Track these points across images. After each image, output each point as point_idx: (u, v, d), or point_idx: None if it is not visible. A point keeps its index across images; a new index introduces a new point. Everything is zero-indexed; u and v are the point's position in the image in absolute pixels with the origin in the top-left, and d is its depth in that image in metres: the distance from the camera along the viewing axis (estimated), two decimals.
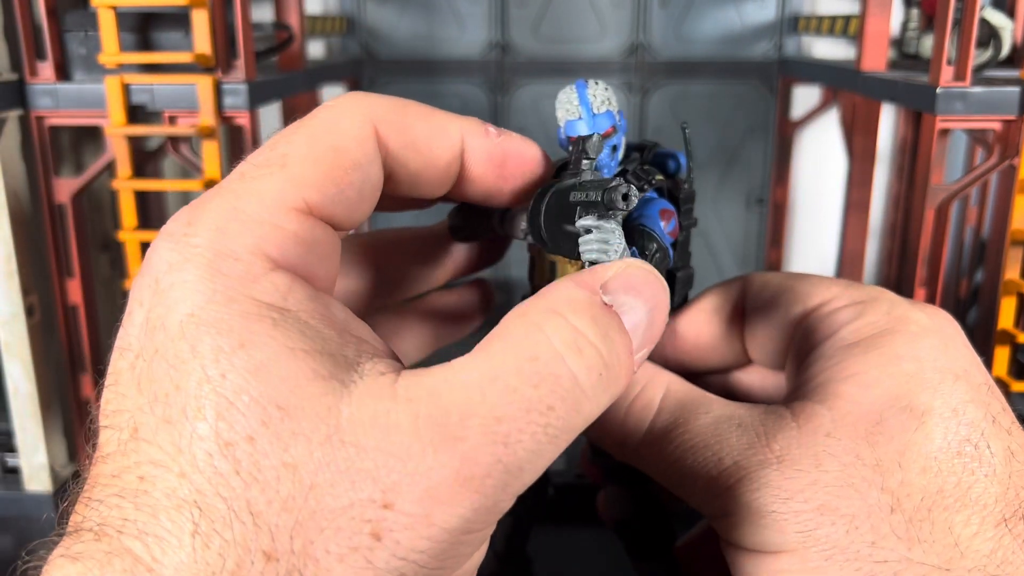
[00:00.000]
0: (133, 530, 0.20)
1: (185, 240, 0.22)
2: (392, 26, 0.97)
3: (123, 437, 0.21)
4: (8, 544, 0.60)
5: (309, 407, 0.20)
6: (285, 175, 0.23)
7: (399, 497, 0.20)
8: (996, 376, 0.61)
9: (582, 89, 0.31)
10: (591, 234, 0.25)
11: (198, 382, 0.21)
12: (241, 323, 0.21)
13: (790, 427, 0.26)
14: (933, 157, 0.60)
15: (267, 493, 0.20)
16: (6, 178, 0.58)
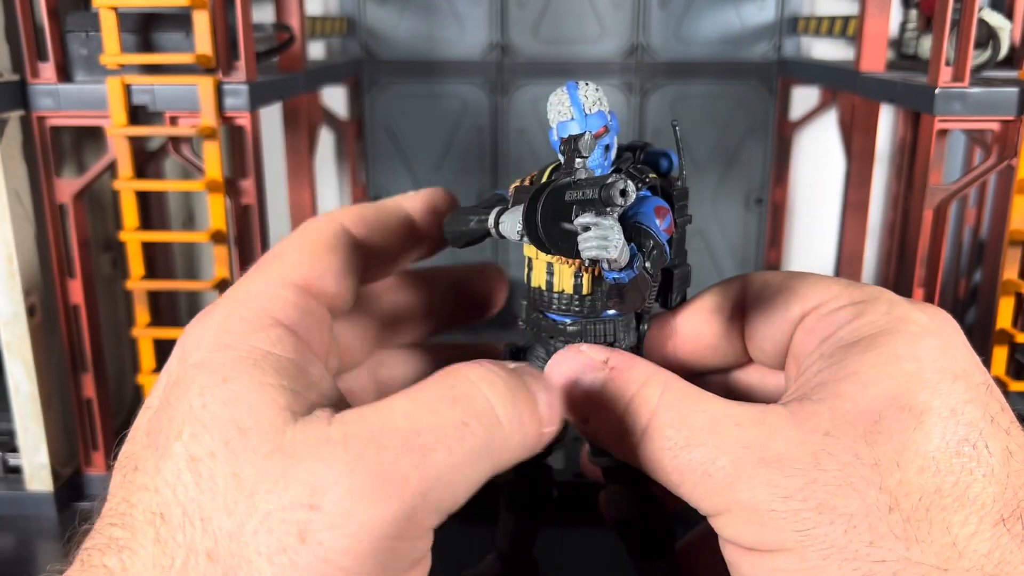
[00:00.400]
0: (115, 547, 0.24)
1: (208, 314, 0.28)
2: (392, 27, 0.97)
3: (125, 474, 0.25)
4: (9, 543, 0.60)
5: (262, 428, 0.24)
6: (281, 262, 0.29)
7: (324, 498, 0.22)
8: (994, 375, 0.61)
9: (573, 90, 0.31)
10: (590, 231, 0.25)
11: (183, 413, 0.25)
12: (230, 364, 0.25)
13: (788, 426, 0.26)
14: (932, 157, 0.60)
15: (216, 500, 0.23)
16: (8, 178, 0.58)
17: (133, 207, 0.60)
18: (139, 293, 0.62)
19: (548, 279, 0.32)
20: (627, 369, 0.29)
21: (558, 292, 0.32)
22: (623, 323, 0.33)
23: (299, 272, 0.29)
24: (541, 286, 0.32)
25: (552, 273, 0.32)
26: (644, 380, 0.29)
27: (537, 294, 0.32)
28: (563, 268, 0.31)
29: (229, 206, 0.61)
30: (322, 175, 1.01)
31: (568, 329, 0.32)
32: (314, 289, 0.29)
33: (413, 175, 1.02)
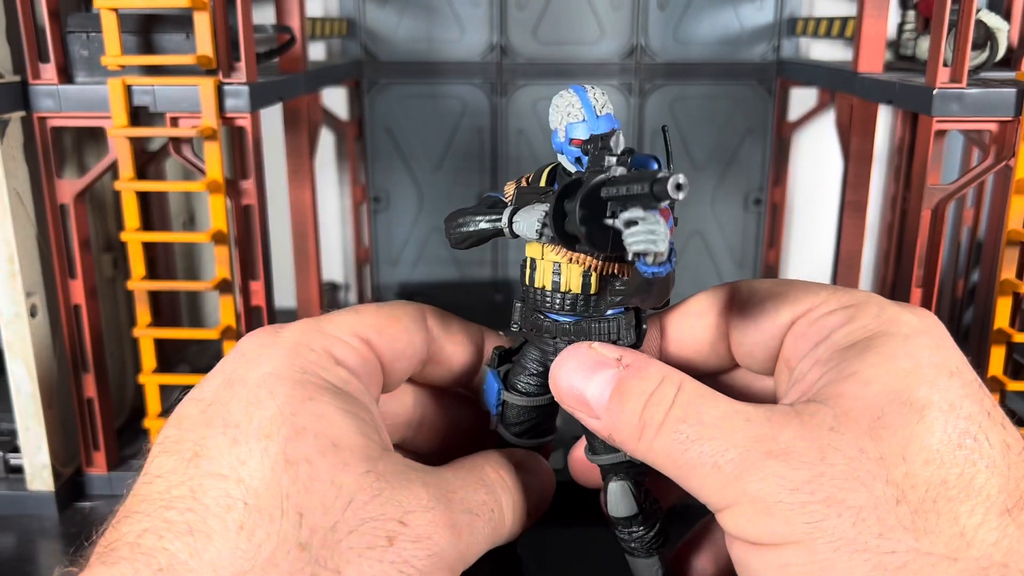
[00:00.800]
0: (180, 530, 0.25)
1: (275, 333, 0.31)
2: (392, 28, 0.97)
3: (184, 458, 0.26)
4: (11, 542, 0.60)
5: (356, 450, 0.27)
6: (357, 317, 0.32)
7: (413, 520, 0.27)
8: (992, 375, 0.61)
9: (583, 93, 0.32)
10: (637, 226, 0.26)
11: (272, 416, 0.27)
12: (311, 386, 0.28)
13: (795, 423, 0.27)
14: (930, 158, 0.61)
15: (314, 500, 0.26)
16: (9, 179, 0.58)
17: (134, 208, 0.60)
18: (140, 293, 0.62)
19: (555, 279, 0.32)
20: (643, 367, 0.30)
21: (564, 292, 0.32)
22: (626, 321, 0.33)
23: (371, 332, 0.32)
24: (545, 286, 0.32)
25: (559, 273, 0.32)
26: (661, 378, 0.29)
27: (540, 295, 0.32)
28: (571, 268, 0.32)
29: (230, 206, 0.62)
30: (322, 176, 1.01)
31: (572, 329, 0.32)
32: (377, 351, 0.32)
33: (413, 176, 1.02)
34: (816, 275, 1.04)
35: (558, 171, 0.33)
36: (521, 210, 0.31)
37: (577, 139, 0.31)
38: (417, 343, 0.34)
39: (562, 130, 0.32)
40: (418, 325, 0.34)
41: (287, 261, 0.86)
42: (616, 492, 0.34)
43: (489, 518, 0.30)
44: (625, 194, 0.27)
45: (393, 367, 0.33)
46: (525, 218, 0.31)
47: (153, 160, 0.64)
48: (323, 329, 0.31)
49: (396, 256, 1.05)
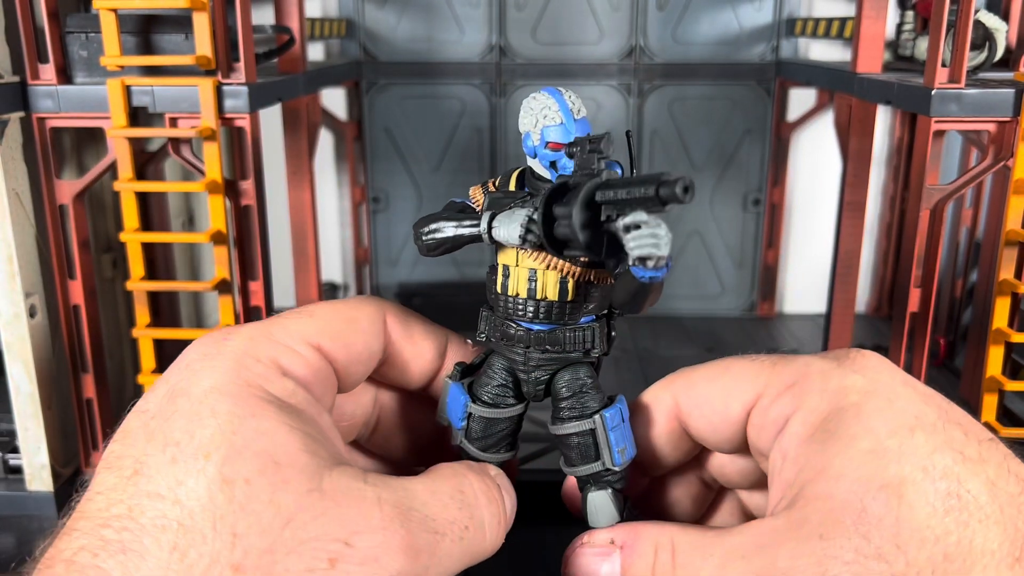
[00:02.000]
0: (113, 549, 0.24)
1: (222, 342, 0.29)
2: (391, 29, 0.97)
3: (124, 476, 0.26)
4: (10, 543, 0.60)
5: (298, 467, 0.26)
6: (310, 321, 0.31)
7: (360, 540, 0.26)
8: (991, 376, 0.61)
9: (559, 96, 0.31)
10: (640, 230, 0.26)
11: (211, 435, 0.26)
12: (254, 402, 0.27)
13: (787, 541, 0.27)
14: (928, 158, 0.61)
15: (250, 520, 0.25)
16: (8, 179, 0.58)
17: (133, 208, 0.60)
18: (139, 294, 0.62)
19: (530, 286, 0.31)
20: (635, 543, 0.31)
21: (539, 299, 0.32)
22: (598, 330, 0.33)
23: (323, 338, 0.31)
24: (520, 293, 0.32)
25: (535, 280, 0.31)
26: (654, 548, 0.30)
27: (512, 303, 0.32)
28: (548, 274, 0.31)
29: (229, 207, 0.62)
30: (322, 176, 1.01)
31: (547, 337, 0.32)
32: (329, 357, 0.31)
33: (412, 176, 1.02)
34: (816, 275, 1.04)
35: (527, 175, 0.33)
36: (500, 215, 0.30)
37: (554, 143, 0.31)
38: (374, 345, 0.33)
39: (536, 133, 0.31)
40: (376, 327, 0.33)
41: (286, 261, 0.86)
42: (596, 501, 0.34)
43: (459, 537, 0.28)
44: (625, 198, 0.26)
45: (348, 370, 0.32)
46: (505, 223, 0.30)
47: (152, 160, 0.64)
48: (272, 336, 0.30)
49: (395, 256, 1.05)
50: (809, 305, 1.06)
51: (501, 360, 0.34)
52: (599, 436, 0.33)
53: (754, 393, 0.31)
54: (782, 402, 0.30)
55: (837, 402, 0.29)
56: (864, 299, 1.06)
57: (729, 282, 1.04)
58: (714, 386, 0.32)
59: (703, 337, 0.99)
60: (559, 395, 0.33)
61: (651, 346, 0.95)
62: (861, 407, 0.28)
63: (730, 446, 0.33)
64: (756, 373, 0.32)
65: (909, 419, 0.28)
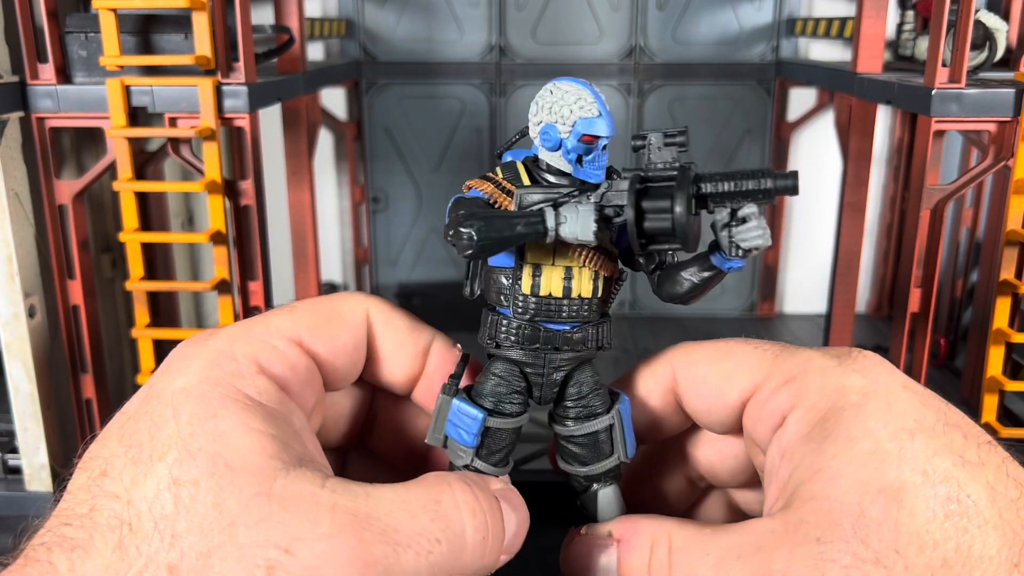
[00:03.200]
0: (66, 546, 0.25)
1: (202, 343, 0.29)
2: (391, 29, 0.97)
3: (92, 476, 0.27)
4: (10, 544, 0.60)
5: (250, 470, 0.26)
6: (290, 316, 0.31)
7: (301, 548, 0.24)
8: (991, 376, 0.61)
9: (591, 88, 0.31)
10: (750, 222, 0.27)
11: (168, 437, 0.26)
12: (219, 401, 0.27)
13: (784, 543, 0.26)
14: (928, 158, 0.61)
15: (191, 521, 0.25)
16: (7, 179, 0.58)
17: (133, 208, 0.60)
18: (139, 294, 0.62)
19: (566, 284, 0.31)
20: (632, 537, 0.30)
21: (574, 297, 0.31)
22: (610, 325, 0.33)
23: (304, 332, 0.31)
24: (554, 293, 0.31)
25: (570, 278, 0.31)
26: (651, 543, 0.30)
27: (544, 304, 0.31)
28: (583, 272, 0.31)
29: (228, 207, 0.62)
30: (321, 176, 1.01)
31: (575, 336, 0.31)
32: (311, 352, 0.31)
33: (412, 176, 1.02)
34: (816, 275, 1.04)
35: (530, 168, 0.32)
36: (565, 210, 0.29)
37: (590, 135, 0.30)
38: (360, 339, 0.32)
39: (566, 125, 0.30)
40: (358, 318, 0.32)
41: (286, 261, 0.86)
42: (609, 497, 0.33)
43: (427, 551, 0.26)
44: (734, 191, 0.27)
45: (334, 365, 0.32)
46: (572, 219, 0.28)
47: (152, 160, 0.64)
48: (252, 333, 0.30)
49: (395, 256, 1.05)
50: (809, 305, 1.06)
51: (509, 365, 0.32)
52: (616, 431, 0.33)
53: (753, 383, 0.31)
54: (780, 396, 0.30)
55: (836, 401, 0.29)
56: (864, 299, 1.06)
57: (729, 282, 1.04)
58: (714, 369, 0.32)
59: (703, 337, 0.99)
60: (573, 395, 0.33)
61: (651, 346, 0.95)
62: (860, 408, 0.28)
63: (722, 429, 0.33)
64: (757, 362, 0.31)
65: (909, 422, 0.27)
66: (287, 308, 0.32)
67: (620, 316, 1.02)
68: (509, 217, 0.29)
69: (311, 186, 0.85)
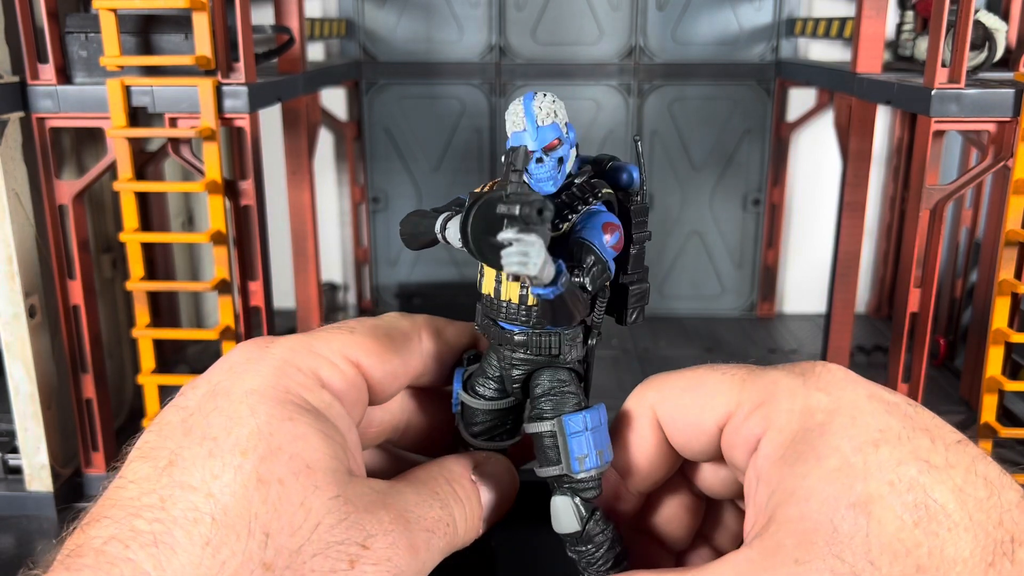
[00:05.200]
0: (145, 540, 0.25)
1: (265, 348, 0.31)
2: (391, 29, 0.97)
3: (158, 466, 0.27)
4: (10, 543, 0.60)
5: (328, 474, 0.28)
6: (350, 337, 0.32)
7: (375, 543, 0.27)
8: (990, 376, 0.61)
9: (528, 101, 0.31)
10: (512, 247, 0.25)
11: (250, 434, 0.27)
12: (293, 407, 0.29)
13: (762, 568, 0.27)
14: (928, 158, 0.61)
15: (282, 521, 0.26)
16: (8, 179, 0.58)
17: (133, 208, 0.60)
18: (139, 294, 0.62)
19: (496, 287, 0.32)
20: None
21: (505, 301, 0.32)
22: (568, 337, 0.32)
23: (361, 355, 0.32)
24: (490, 293, 0.32)
25: (500, 282, 0.32)
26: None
27: (487, 301, 0.32)
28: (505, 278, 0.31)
29: (229, 207, 0.62)
30: (321, 176, 1.01)
31: (516, 339, 0.32)
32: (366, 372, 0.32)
33: (412, 176, 1.02)
34: (815, 275, 1.04)
35: None
36: (454, 217, 0.30)
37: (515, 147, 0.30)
38: (412, 364, 0.34)
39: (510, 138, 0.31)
40: (414, 346, 0.34)
41: (286, 261, 0.86)
42: (557, 506, 0.33)
43: (444, 533, 0.31)
44: (507, 212, 0.26)
45: (383, 386, 0.33)
46: (453, 226, 0.30)
47: (152, 161, 0.64)
48: (313, 348, 0.31)
49: (395, 256, 1.05)
50: (809, 305, 1.06)
51: (493, 355, 0.34)
52: (559, 440, 0.33)
53: (725, 410, 0.32)
54: (752, 421, 0.30)
55: (803, 423, 0.29)
56: (864, 299, 1.06)
57: (729, 282, 1.05)
58: (687, 398, 0.33)
59: (703, 337, 0.99)
60: (532, 394, 0.34)
61: (651, 346, 0.95)
62: (826, 426, 0.29)
63: (705, 457, 0.33)
64: (728, 388, 0.32)
65: (873, 433, 0.28)
66: (346, 326, 0.33)
67: None
68: (422, 218, 0.32)
69: (311, 186, 0.85)
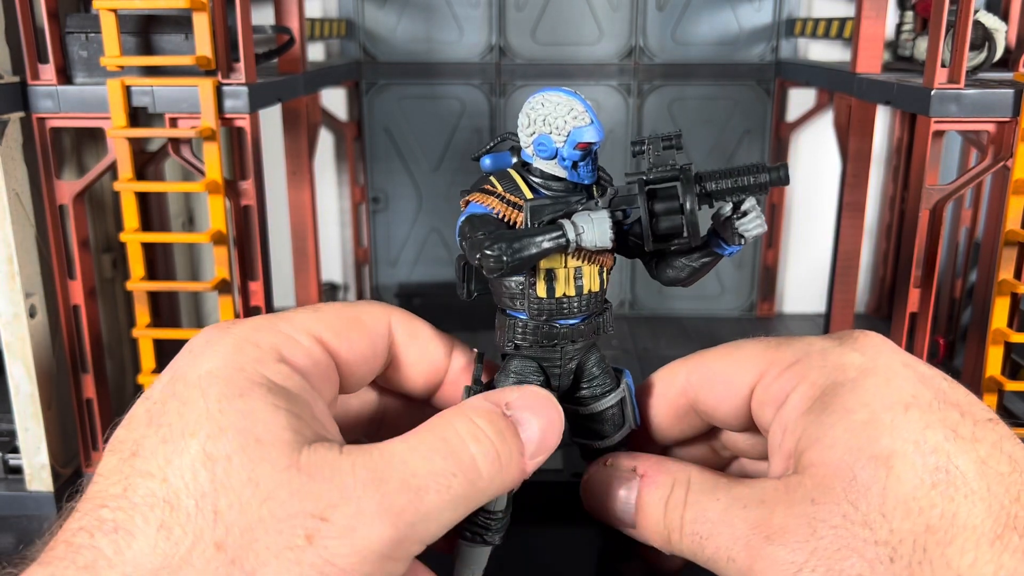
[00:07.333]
0: (107, 528, 0.25)
1: (225, 328, 0.30)
2: (391, 29, 0.97)
3: (122, 457, 0.27)
4: (10, 543, 0.60)
5: (279, 444, 0.26)
6: (314, 315, 0.32)
7: (334, 513, 0.26)
8: (990, 376, 0.61)
9: (579, 97, 0.32)
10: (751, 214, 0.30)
11: (199, 415, 0.27)
12: (245, 383, 0.28)
13: (783, 500, 0.28)
14: (928, 159, 0.61)
15: (230, 498, 0.25)
16: (8, 179, 0.58)
17: (133, 208, 0.60)
18: (139, 294, 0.62)
19: (578, 283, 0.33)
20: (655, 474, 0.32)
21: (585, 294, 0.33)
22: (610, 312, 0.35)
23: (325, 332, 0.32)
24: (568, 293, 0.33)
25: (581, 277, 0.33)
26: (672, 482, 0.32)
27: (557, 304, 0.33)
28: (592, 269, 0.33)
29: (229, 207, 0.62)
30: (321, 176, 1.01)
31: (580, 328, 0.33)
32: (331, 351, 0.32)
33: (412, 176, 1.02)
34: (815, 275, 1.04)
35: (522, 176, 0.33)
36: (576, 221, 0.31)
37: (585, 143, 0.31)
38: (378, 346, 0.34)
39: (561, 135, 0.32)
40: (381, 328, 0.34)
41: (286, 262, 0.86)
42: None
43: (446, 487, 0.28)
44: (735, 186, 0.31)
45: (351, 367, 0.33)
46: (590, 228, 0.31)
47: (152, 161, 0.64)
48: (276, 326, 0.31)
49: (395, 257, 1.05)
50: (809, 305, 1.06)
51: (525, 361, 0.34)
52: (626, 403, 0.35)
53: (758, 371, 0.32)
54: (784, 379, 0.31)
55: (835, 377, 0.30)
56: (864, 299, 1.06)
57: (729, 282, 1.05)
58: (722, 364, 0.34)
59: (703, 337, 0.99)
60: (591, 375, 0.35)
61: (651, 346, 0.95)
62: (858, 383, 0.29)
63: (736, 422, 0.34)
64: (762, 351, 0.33)
65: (905, 396, 0.29)
66: (311, 308, 0.33)
67: (620, 316, 1.02)
68: (532, 236, 0.31)
69: (311, 186, 0.85)
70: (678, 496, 0.31)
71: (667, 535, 0.31)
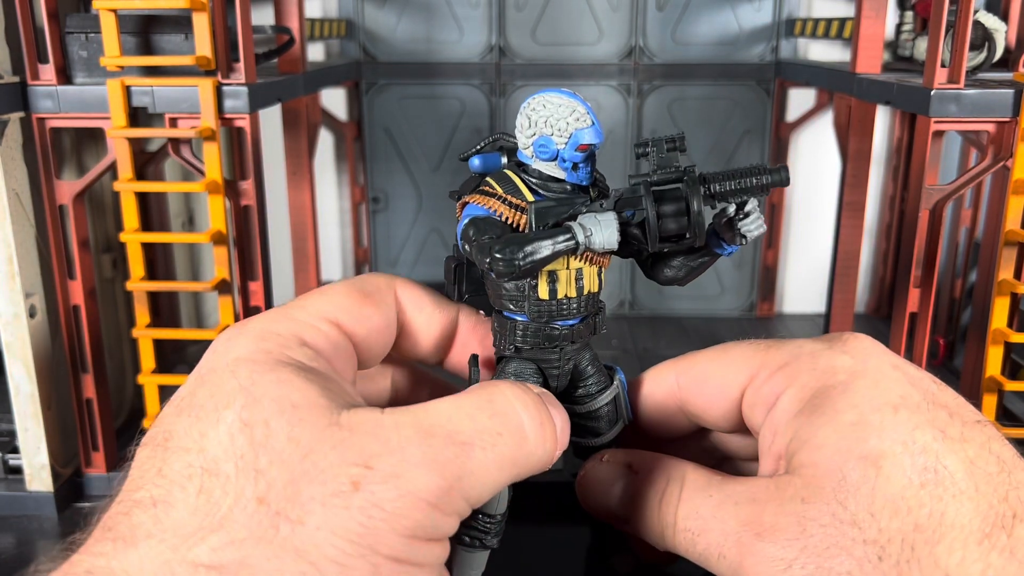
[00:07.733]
0: (145, 504, 0.25)
1: (243, 325, 0.31)
2: (391, 29, 0.97)
3: (155, 445, 0.27)
4: (10, 543, 0.60)
5: (316, 408, 0.27)
6: (324, 299, 0.32)
7: (379, 462, 0.26)
8: (990, 375, 0.61)
9: (579, 99, 0.32)
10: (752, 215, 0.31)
11: (231, 389, 0.27)
12: (275, 363, 0.28)
13: (774, 499, 0.29)
14: (927, 159, 0.61)
15: (270, 455, 0.25)
16: (8, 179, 0.58)
17: (133, 208, 0.60)
18: (139, 294, 0.62)
19: (579, 285, 0.33)
20: (651, 471, 0.33)
21: (586, 295, 0.33)
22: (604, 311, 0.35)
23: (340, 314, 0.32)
24: (569, 294, 0.33)
25: (582, 278, 0.33)
26: (667, 479, 0.32)
27: (557, 306, 0.33)
28: (592, 270, 0.33)
29: (229, 207, 0.62)
30: (321, 176, 1.01)
31: (580, 328, 0.34)
32: (349, 332, 0.32)
33: (412, 176, 1.02)
34: (815, 275, 1.04)
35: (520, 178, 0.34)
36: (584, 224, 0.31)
37: (586, 144, 0.31)
38: (390, 316, 0.34)
39: (563, 137, 0.32)
40: (388, 298, 0.34)
41: (286, 262, 0.86)
42: None
43: (492, 444, 0.27)
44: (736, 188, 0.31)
45: (367, 344, 0.33)
46: (598, 230, 0.31)
47: (152, 161, 0.64)
48: (291, 315, 0.31)
49: (395, 256, 1.05)
50: (808, 305, 1.06)
51: (523, 363, 0.34)
52: (619, 397, 0.36)
53: (748, 374, 0.33)
54: (774, 381, 0.32)
55: (825, 380, 0.30)
56: (863, 299, 1.06)
57: (728, 282, 1.05)
58: (713, 366, 0.34)
59: (702, 337, 0.99)
60: (586, 374, 0.35)
61: (651, 346, 0.95)
62: (848, 385, 0.30)
63: (726, 424, 0.35)
64: (752, 354, 0.33)
65: (894, 398, 0.29)
66: (319, 291, 0.33)
67: (620, 316, 1.02)
68: (542, 239, 0.31)
69: (311, 186, 0.85)
70: (672, 493, 0.31)
71: (661, 531, 0.31)
